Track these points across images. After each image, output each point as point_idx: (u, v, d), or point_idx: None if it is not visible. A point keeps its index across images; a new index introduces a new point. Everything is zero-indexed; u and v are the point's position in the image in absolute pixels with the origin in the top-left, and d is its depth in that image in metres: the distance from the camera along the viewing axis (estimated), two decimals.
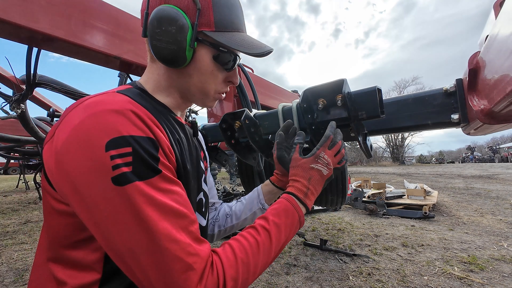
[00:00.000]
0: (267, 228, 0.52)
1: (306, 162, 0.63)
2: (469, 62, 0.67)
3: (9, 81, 1.89)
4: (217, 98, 0.65)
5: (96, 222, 0.40)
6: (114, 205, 0.39)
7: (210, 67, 0.58)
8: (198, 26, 0.54)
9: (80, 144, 0.40)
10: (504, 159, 32.75)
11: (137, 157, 0.40)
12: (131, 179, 0.39)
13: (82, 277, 0.45)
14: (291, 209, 0.57)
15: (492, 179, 9.08)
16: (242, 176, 2.04)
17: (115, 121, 0.41)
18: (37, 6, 0.86)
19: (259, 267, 0.48)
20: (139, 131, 0.43)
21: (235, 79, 0.63)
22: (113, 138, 0.39)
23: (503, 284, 1.89)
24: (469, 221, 3.62)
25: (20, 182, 9.03)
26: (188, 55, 0.54)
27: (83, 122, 0.41)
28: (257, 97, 1.62)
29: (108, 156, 0.39)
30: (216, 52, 0.57)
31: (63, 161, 0.40)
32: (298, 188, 0.61)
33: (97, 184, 0.39)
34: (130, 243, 0.39)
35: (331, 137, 0.66)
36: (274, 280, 2.05)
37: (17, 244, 3.01)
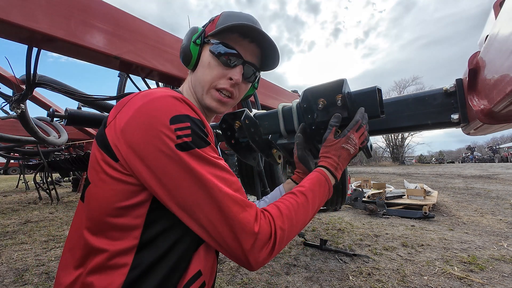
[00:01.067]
0: (304, 193, 0.61)
1: (339, 142, 0.71)
2: (469, 62, 0.67)
3: (9, 81, 1.89)
4: (215, 97, 0.67)
5: (164, 183, 0.47)
6: (180, 167, 0.47)
7: (208, 60, 0.66)
8: (206, 32, 0.68)
9: (147, 120, 0.48)
10: (504, 159, 32.75)
11: (194, 131, 0.50)
12: (192, 146, 0.48)
13: (120, 243, 0.50)
14: (323, 180, 0.66)
15: (492, 179, 9.08)
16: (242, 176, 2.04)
17: (174, 103, 0.51)
18: (37, 6, 0.86)
19: (300, 223, 0.57)
20: (192, 112, 0.52)
21: (234, 75, 0.66)
22: (175, 115, 0.49)
23: (503, 284, 1.89)
24: (469, 221, 3.62)
25: (20, 182, 9.04)
26: (193, 50, 0.67)
27: (147, 104, 0.50)
28: (257, 97, 1.62)
29: (173, 128, 0.48)
30: (211, 45, 0.66)
31: (132, 136, 0.48)
32: (330, 163, 0.69)
33: (166, 150, 0.47)
34: (195, 196, 0.48)
35: (359, 121, 0.72)
36: (274, 280, 2.05)
37: (17, 244, 3.01)
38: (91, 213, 0.53)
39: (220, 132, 0.80)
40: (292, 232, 0.55)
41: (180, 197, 0.48)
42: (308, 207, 0.60)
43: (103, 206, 0.51)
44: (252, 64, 0.70)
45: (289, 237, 0.55)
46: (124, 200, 0.50)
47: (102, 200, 0.51)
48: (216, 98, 0.67)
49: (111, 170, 0.51)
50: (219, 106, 0.68)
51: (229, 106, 0.71)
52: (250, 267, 0.51)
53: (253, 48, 0.69)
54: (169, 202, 0.49)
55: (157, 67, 1.24)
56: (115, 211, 0.50)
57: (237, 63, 0.66)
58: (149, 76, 1.33)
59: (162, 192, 0.48)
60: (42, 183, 5.67)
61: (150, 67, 1.21)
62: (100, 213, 0.51)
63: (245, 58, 0.67)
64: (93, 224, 0.52)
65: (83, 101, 1.93)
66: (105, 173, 0.51)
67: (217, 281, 2.06)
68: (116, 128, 0.50)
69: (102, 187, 0.51)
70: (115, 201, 0.50)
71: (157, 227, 0.51)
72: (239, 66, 0.67)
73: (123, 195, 0.50)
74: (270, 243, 0.51)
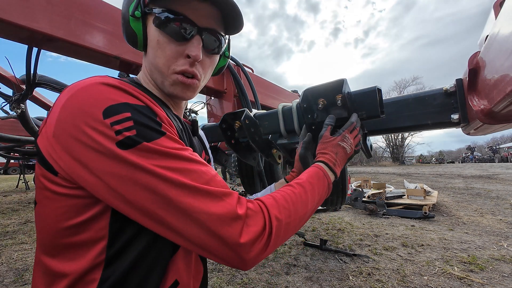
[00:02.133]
0: (302, 184, 0.55)
1: (336, 139, 0.69)
2: (469, 62, 0.67)
3: (9, 81, 1.89)
4: (178, 81, 0.53)
5: (116, 190, 0.39)
6: (128, 168, 0.38)
7: (155, 37, 0.52)
8: None
9: (76, 118, 0.38)
10: (504, 159, 32.74)
11: (137, 121, 0.40)
12: (137, 140, 0.39)
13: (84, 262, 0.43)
14: (321, 174, 0.61)
15: (492, 179, 9.08)
16: (242, 176, 2.04)
17: (107, 91, 0.41)
18: (37, 6, 0.86)
19: (299, 215, 0.50)
20: (134, 99, 0.42)
21: (192, 51, 0.51)
22: (109, 106, 0.39)
23: (503, 284, 1.89)
24: (469, 221, 3.62)
25: (20, 182, 9.03)
26: (135, 27, 0.52)
27: (71, 97, 0.40)
28: (257, 97, 1.62)
29: (107, 123, 0.38)
30: (154, 16, 0.51)
31: (62, 140, 0.39)
32: (328, 159, 0.66)
33: (105, 152, 0.38)
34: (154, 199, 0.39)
35: (354, 123, 0.72)
36: (274, 280, 2.05)
37: (17, 244, 3.01)
38: (42, 236, 0.46)
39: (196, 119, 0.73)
40: (290, 224, 0.47)
41: (138, 202, 0.39)
42: (307, 199, 0.54)
43: (52, 226, 0.44)
44: (211, 30, 0.54)
45: (287, 230, 0.47)
46: (77, 216, 0.43)
47: (50, 220, 0.44)
48: (178, 81, 0.53)
49: (53, 186, 0.43)
50: (184, 91, 0.55)
51: (196, 89, 0.58)
52: (243, 264, 0.42)
53: (207, 9, 0.53)
54: (129, 210, 0.40)
55: None
56: (68, 230, 0.43)
57: (192, 33, 0.51)
58: None
59: (117, 201, 0.40)
60: None
61: None
62: (51, 234, 0.44)
63: (200, 25, 0.52)
64: (48, 248, 0.45)
65: None
66: (48, 189, 0.43)
67: (217, 281, 2.06)
68: (48, 134, 0.41)
69: (47, 206, 0.44)
70: (65, 219, 0.43)
71: (124, 236, 0.44)
72: (195, 37, 0.52)
73: (73, 211, 0.43)
74: (265, 234, 0.42)
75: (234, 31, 0.61)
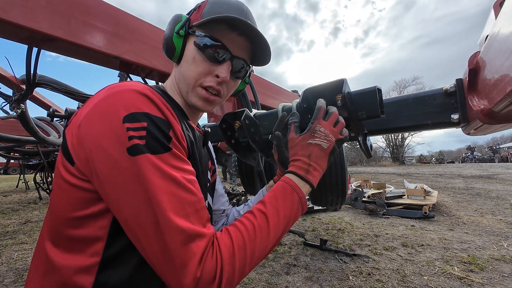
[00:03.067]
0: (264, 211, 0.51)
1: (303, 139, 0.61)
2: (469, 62, 0.67)
3: (9, 81, 1.89)
4: (201, 95, 0.60)
5: (108, 189, 0.42)
6: (125, 173, 0.41)
7: (192, 54, 0.60)
8: (191, 22, 0.61)
9: (101, 116, 0.43)
10: (504, 159, 32.74)
11: (150, 132, 0.43)
12: (143, 150, 0.42)
13: (80, 259, 0.44)
14: (288, 189, 0.55)
15: (492, 179, 9.08)
16: (242, 176, 2.04)
17: (135, 98, 0.45)
18: (37, 6, 0.86)
19: (256, 252, 0.47)
20: (155, 111, 0.46)
21: (222, 72, 0.59)
22: (130, 113, 0.43)
23: (503, 284, 1.89)
24: (469, 221, 3.62)
25: (20, 182, 9.03)
26: (176, 42, 0.60)
27: (105, 98, 0.45)
28: (257, 97, 1.62)
29: (125, 127, 0.42)
30: (196, 37, 0.59)
31: (83, 131, 0.43)
32: (298, 166, 0.59)
33: (112, 152, 0.41)
34: (137, 213, 0.41)
35: (322, 107, 0.64)
36: (274, 280, 2.05)
37: (17, 244, 3.01)
38: (51, 223, 0.48)
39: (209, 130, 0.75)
40: (245, 266, 0.46)
41: (122, 211, 0.41)
42: (268, 230, 0.49)
43: (61, 215, 0.46)
44: (241, 59, 0.62)
45: (242, 273, 0.46)
46: (82, 209, 0.45)
47: (60, 208, 0.46)
48: (202, 96, 0.60)
49: (68, 175, 0.46)
50: (205, 105, 0.62)
51: (216, 104, 0.65)
52: None
53: (242, 42, 0.61)
54: (115, 215, 0.43)
55: (157, 67, 1.24)
56: (72, 221, 0.45)
57: (225, 58, 0.59)
58: (149, 76, 1.33)
59: (108, 201, 0.43)
60: (42, 183, 5.67)
61: (150, 67, 1.21)
62: (59, 223, 0.46)
63: (233, 53, 0.60)
64: (53, 235, 0.47)
65: (83, 101, 1.93)
66: (63, 178, 0.46)
67: None
68: (74, 125, 0.45)
69: (60, 195, 0.47)
70: (72, 210, 0.45)
71: (122, 240, 0.45)
72: (226, 62, 0.60)
73: (80, 204, 0.45)
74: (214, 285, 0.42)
75: (260, 64, 0.69)
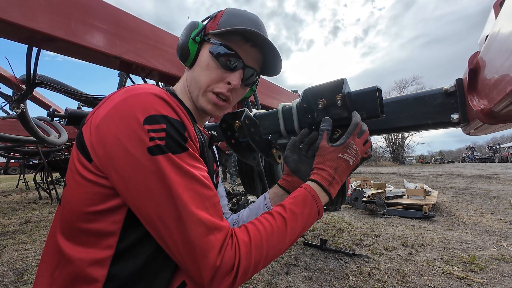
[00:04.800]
0: (283, 215, 0.53)
1: (335, 150, 0.62)
2: (469, 62, 0.67)
3: (9, 81, 1.89)
4: (211, 100, 0.63)
5: (129, 188, 0.44)
6: (147, 172, 0.43)
7: (207, 61, 0.62)
8: (206, 29, 0.64)
9: (121, 117, 0.45)
10: (504, 159, 32.75)
11: (169, 134, 0.45)
12: (164, 150, 0.44)
13: (94, 252, 0.46)
14: (309, 199, 0.57)
15: (492, 179, 9.08)
16: (242, 176, 2.04)
17: (154, 101, 0.47)
18: (37, 6, 0.86)
19: (271, 252, 0.50)
20: (172, 113, 0.48)
21: (233, 80, 0.62)
22: (150, 115, 0.45)
23: (503, 284, 1.89)
24: (469, 221, 3.62)
25: (20, 182, 9.03)
26: (191, 48, 0.62)
27: (125, 100, 0.46)
28: (257, 97, 1.62)
29: (146, 129, 0.44)
30: (211, 45, 0.62)
31: (103, 131, 0.45)
32: (323, 177, 0.60)
33: (134, 152, 0.43)
34: (159, 208, 0.43)
35: (359, 124, 0.64)
36: (274, 280, 2.05)
37: (17, 244, 3.01)
38: (65, 217, 0.50)
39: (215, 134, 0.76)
40: (260, 262, 0.48)
41: (143, 206, 0.44)
42: (286, 233, 0.51)
43: (75, 209, 0.48)
44: (252, 68, 0.66)
45: (256, 268, 0.48)
46: (98, 204, 0.47)
47: (75, 203, 0.48)
48: (212, 101, 0.63)
49: (84, 171, 0.47)
50: (214, 110, 0.65)
51: (224, 110, 0.68)
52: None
53: (254, 53, 0.65)
54: (134, 210, 0.45)
55: (157, 66, 1.24)
56: (87, 216, 0.47)
57: (237, 66, 0.63)
58: (149, 76, 1.33)
59: (128, 198, 0.45)
60: (42, 183, 5.67)
61: (150, 67, 1.21)
62: (73, 217, 0.48)
63: (245, 62, 0.64)
64: (66, 229, 0.49)
65: (83, 101, 1.93)
66: (79, 174, 0.48)
67: None
68: (92, 124, 0.47)
69: (75, 189, 0.48)
70: (88, 204, 0.47)
71: (134, 234, 0.48)
72: (238, 70, 0.63)
73: (96, 199, 0.47)
74: (231, 275, 0.45)
75: (270, 75, 0.72)
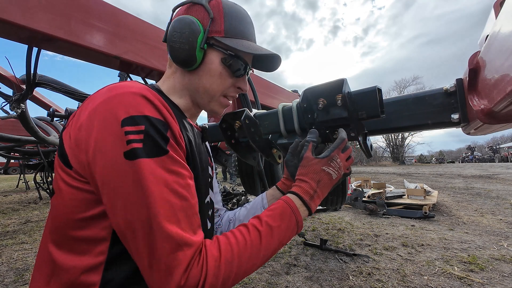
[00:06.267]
0: (259, 229, 0.50)
1: (319, 163, 0.61)
2: (469, 62, 0.67)
3: (9, 81, 1.89)
4: (224, 103, 0.66)
5: (104, 193, 0.42)
6: (121, 177, 0.41)
7: (219, 70, 0.62)
8: (210, 32, 0.60)
9: (100, 120, 0.43)
10: (504, 159, 32.75)
11: (148, 135, 0.43)
12: (140, 155, 0.41)
13: (86, 259, 0.45)
14: (288, 212, 0.54)
15: (492, 179, 9.08)
16: (242, 176, 2.04)
17: (134, 101, 0.45)
18: (37, 6, 0.86)
19: (243, 268, 0.46)
20: (154, 113, 0.46)
21: (243, 85, 0.66)
22: (130, 116, 0.43)
23: (503, 284, 1.89)
24: (469, 221, 3.62)
25: (20, 182, 9.03)
26: (199, 56, 0.59)
27: (106, 101, 0.45)
28: (257, 97, 1.62)
29: (123, 131, 0.42)
30: (224, 55, 0.61)
31: (84, 134, 0.43)
32: (305, 190, 0.58)
33: (111, 155, 0.41)
34: (129, 216, 0.41)
35: (345, 140, 0.65)
36: (274, 280, 2.05)
37: (17, 244, 3.01)
38: (54, 225, 0.48)
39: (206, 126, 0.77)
40: (230, 279, 0.45)
41: (115, 213, 0.42)
42: (260, 248, 0.48)
43: (64, 217, 0.46)
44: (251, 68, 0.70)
45: (225, 285, 0.45)
46: (85, 211, 0.45)
47: (63, 210, 0.47)
48: (225, 104, 0.67)
49: (68, 178, 0.46)
50: (222, 109, 0.69)
51: None
52: None
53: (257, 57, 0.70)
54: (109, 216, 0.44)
55: (157, 66, 1.24)
56: (76, 223, 0.45)
57: (245, 73, 0.66)
58: (149, 76, 1.33)
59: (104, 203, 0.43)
60: (43, 183, 5.67)
61: (150, 66, 1.21)
62: (62, 225, 0.47)
63: (250, 66, 0.67)
64: (57, 237, 0.48)
65: (83, 101, 1.93)
66: (63, 181, 0.46)
67: None
68: (73, 129, 0.46)
69: (62, 197, 0.47)
70: (75, 211, 0.45)
71: None
72: (245, 75, 0.67)
73: (83, 205, 0.45)
74: None
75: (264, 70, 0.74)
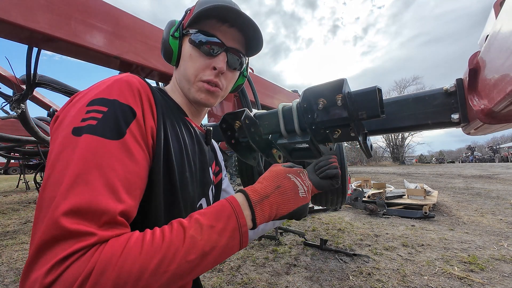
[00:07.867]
0: (184, 226, 0.40)
1: (286, 169, 0.57)
2: (469, 62, 0.67)
3: (9, 81, 1.89)
4: (201, 88, 0.62)
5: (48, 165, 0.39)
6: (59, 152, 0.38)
7: (188, 51, 0.62)
8: (184, 24, 0.63)
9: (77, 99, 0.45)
10: (504, 159, 32.75)
11: (107, 117, 0.41)
12: (86, 131, 0.39)
13: None
14: (227, 210, 0.44)
15: (492, 179, 9.07)
16: (242, 176, 2.04)
17: (116, 87, 0.45)
18: (37, 6, 0.86)
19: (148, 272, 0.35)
20: (127, 99, 0.45)
21: (218, 64, 0.61)
22: (101, 97, 0.43)
23: (503, 284, 1.89)
24: (469, 221, 3.62)
25: (21, 182, 9.04)
26: (173, 45, 0.63)
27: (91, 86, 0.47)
28: (257, 97, 1.62)
29: (87, 109, 0.42)
30: (190, 35, 0.62)
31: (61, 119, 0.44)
32: (255, 190, 0.50)
33: (63, 129, 0.41)
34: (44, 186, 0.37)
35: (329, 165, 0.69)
36: (274, 280, 2.05)
37: (17, 244, 3.01)
38: None
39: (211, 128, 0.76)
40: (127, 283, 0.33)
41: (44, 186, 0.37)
42: (179, 251, 0.37)
43: None
44: (235, 50, 0.65)
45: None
46: None
47: None
48: (204, 88, 0.62)
49: None
50: (208, 98, 0.63)
51: (218, 97, 0.66)
52: None
53: (234, 33, 0.63)
54: None
55: (157, 67, 1.24)
56: None
57: (220, 50, 0.62)
58: (149, 76, 1.33)
59: None
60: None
61: (150, 67, 1.21)
62: None
63: (227, 44, 0.62)
64: None
65: None
66: None
67: (217, 281, 2.06)
68: None
69: None
70: None
71: None
72: (221, 53, 0.62)
73: None
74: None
75: (253, 53, 0.71)
